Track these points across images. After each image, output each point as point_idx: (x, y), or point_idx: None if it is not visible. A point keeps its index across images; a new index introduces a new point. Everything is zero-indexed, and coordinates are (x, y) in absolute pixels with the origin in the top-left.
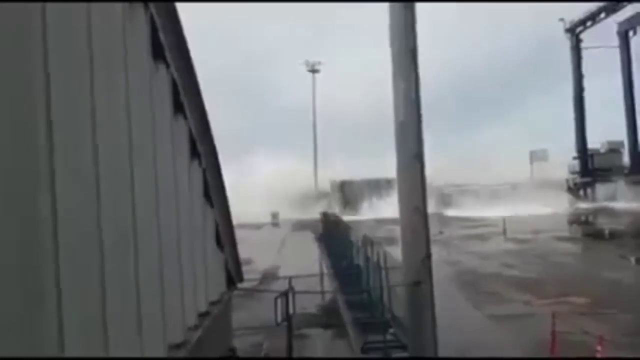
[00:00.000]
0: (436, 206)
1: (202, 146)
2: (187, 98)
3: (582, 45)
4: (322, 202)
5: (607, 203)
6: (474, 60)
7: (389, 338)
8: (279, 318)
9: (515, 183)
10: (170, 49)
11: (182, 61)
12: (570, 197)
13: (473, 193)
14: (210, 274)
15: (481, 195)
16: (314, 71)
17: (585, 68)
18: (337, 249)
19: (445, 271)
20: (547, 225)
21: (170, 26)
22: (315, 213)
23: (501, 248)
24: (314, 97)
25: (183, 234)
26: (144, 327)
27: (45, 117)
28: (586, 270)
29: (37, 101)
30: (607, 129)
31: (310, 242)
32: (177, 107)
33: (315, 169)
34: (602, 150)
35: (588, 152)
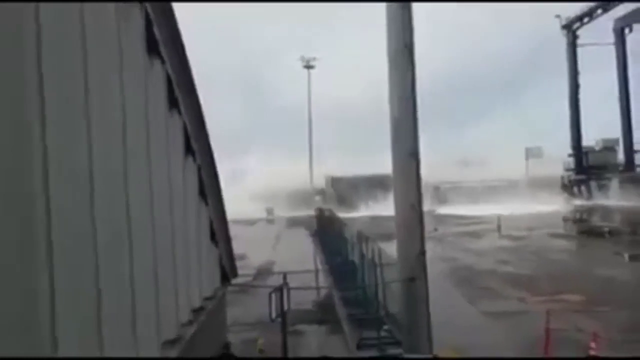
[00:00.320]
0: (431, 203)
1: (197, 143)
2: (182, 94)
3: (579, 42)
4: (318, 199)
5: (602, 200)
6: (471, 57)
7: (384, 334)
8: (274, 314)
9: (510, 180)
10: (165, 45)
11: (177, 57)
12: (565, 195)
13: (468, 190)
14: (204, 270)
15: (476, 192)
16: (309, 67)
17: (582, 65)
18: (332, 246)
19: (439, 268)
20: (542, 222)
21: (165, 22)
22: (310, 209)
23: (496, 245)
24: (309, 93)
25: (177, 230)
26: (138, 324)
27: (39, 115)
28: (581, 267)
29: (31, 99)
30: (604, 127)
31: (304, 238)
32: (172, 103)
33: (310, 166)
34: (597, 148)
35: (583, 150)
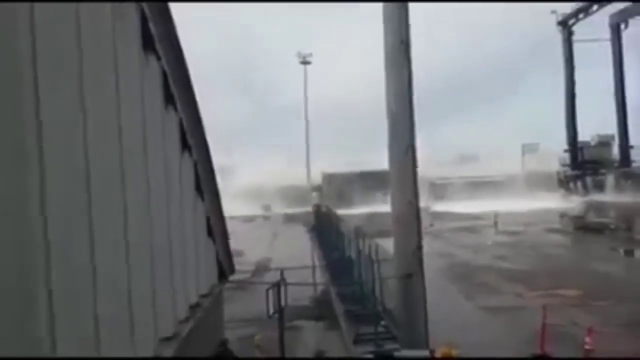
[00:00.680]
0: (427, 199)
1: (193, 138)
2: (178, 90)
3: (575, 38)
4: (315, 195)
5: (598, 196)
6: (469, 55)
7: (381, 330)
8: (271, 310)
9: (507, 175)
10: (160, 41)
11: (173, 53)
12: (561, 190)
13: (464, 186)
14: (201, 267)
15: (472, 188)
16: (306, 63)
17: (579, 61)
18: (329, 242)
19: (436, 263)
20: (538, 218)
21: (161, 19)
22: (307, 206)
23: (493, 241)
24: (306, 89)
25: (174, 227)
26: (135, 321)
27: (34, 113)
28: (577, 262)
29: (27, 97)
30: (601, 122)
31: (302, 235)
32: (168, 99)
33: (307, 162)
34: (593, 143)
35: (578, 145)
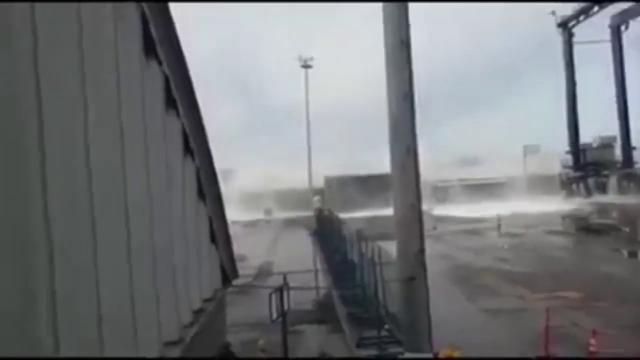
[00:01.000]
0: (429, 202)
1: (196, 143)
2: (180, 94)
3: (576, 39)
4: (316, 199)
5: (601, 198)
6: (469, 56)
7: (384, 334)
8: (274, 314)
9: (509, 177)
10: (161, 45)
11: (174, 57)
12: (563, 192)
13: (466, 188)
14: (204, 271)
15: (474, 190)
16: (307, 66)
17: (580, 62)
18: (332, 245)
19: (439, 265)
20: (541, 220)
21: (161, 21)
22: (309, 210)
23: (495, 243)
24: (307, 93)
25: (177, 231)
26: (139, 326)
27: (36, 116)
28: (580, 264)
29: (28, 100)
30: (603, 123)
31: (304, 238)
32: (170, 104)
33: (309, 166)
34: (595, 145)
35: (580, 147)
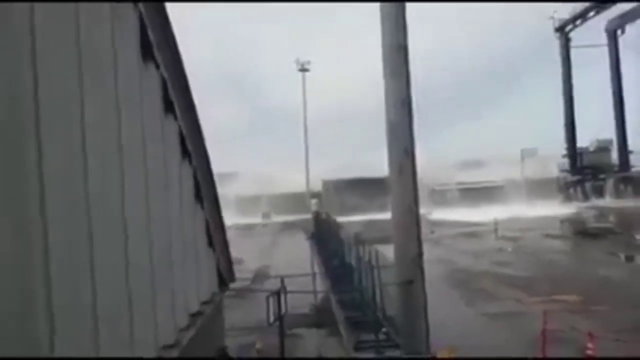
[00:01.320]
0: (427, 206)
1: (193, 146)
2: (177, 96)
3: (574, 43)
4: (314, 202)
5: (598, 202)
6: (468, 59)
7: (382, 337)
8: (271, 318)
9: (506, 180)
10: (159, 48)
11: (172, 60)
12: (561, 196)
13: (464, 192)
14: (201, 274)
15: (472, 194)
16: (304, 70)
17: (578, 66)
18: (329, 249)
19: (437, 269)
20: (537, 223)
21: (159, 23)
22: (306, 213)
23: (492, 247)
24: (304, 96)
25: (174, 235)
26: (136, 329)
27: (33, 118)
28: (577, 268)
29: (25, 102)
30: (600, 126)
31: (301, 242)
32: (167, 106)
33: (307, 169)
34: (592, 148)
35: (577, 150)
